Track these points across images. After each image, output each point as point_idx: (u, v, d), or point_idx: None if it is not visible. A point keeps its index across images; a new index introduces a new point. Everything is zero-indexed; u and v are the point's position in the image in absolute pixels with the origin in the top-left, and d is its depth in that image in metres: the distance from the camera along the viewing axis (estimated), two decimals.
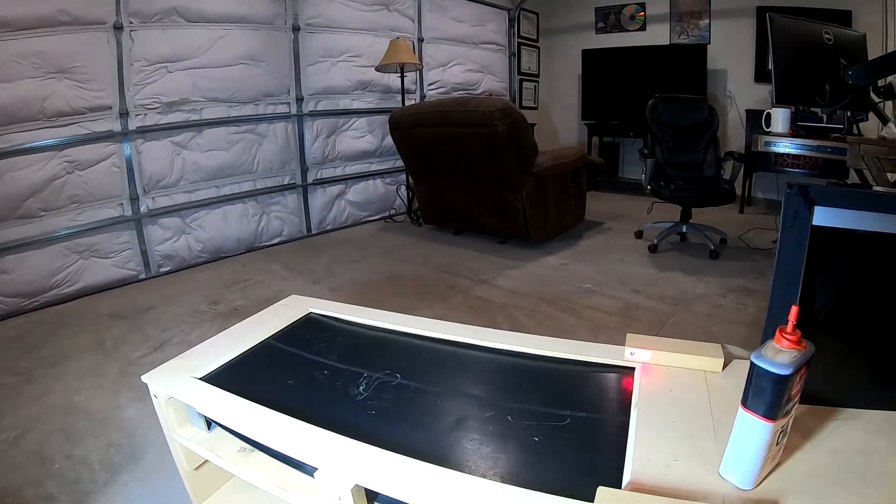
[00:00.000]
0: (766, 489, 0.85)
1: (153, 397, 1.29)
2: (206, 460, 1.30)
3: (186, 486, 1.41)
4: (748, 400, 0.82)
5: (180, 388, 1.24)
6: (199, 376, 1.30)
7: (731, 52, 6.15)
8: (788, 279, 1.07)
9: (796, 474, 0.88)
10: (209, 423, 1.27)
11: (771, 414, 0.80)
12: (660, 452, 0.93)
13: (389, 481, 0.91)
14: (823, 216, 1.05)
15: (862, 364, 1.13)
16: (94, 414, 2.14)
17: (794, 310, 0.80)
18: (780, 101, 3.03)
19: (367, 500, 0.97)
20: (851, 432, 0.98)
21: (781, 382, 0.78)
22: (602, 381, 1.24)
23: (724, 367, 1.17)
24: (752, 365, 0.81)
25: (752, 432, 0.82)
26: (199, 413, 1.23)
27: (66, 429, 2.03)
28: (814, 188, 1.05)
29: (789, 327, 0.81)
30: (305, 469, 1.04)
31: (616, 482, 0.88)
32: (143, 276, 3.86)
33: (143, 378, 1.29)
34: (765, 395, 0.80)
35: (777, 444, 0.85)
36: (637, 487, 0.85)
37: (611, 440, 1.00)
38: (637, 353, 1.22)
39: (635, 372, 1.19)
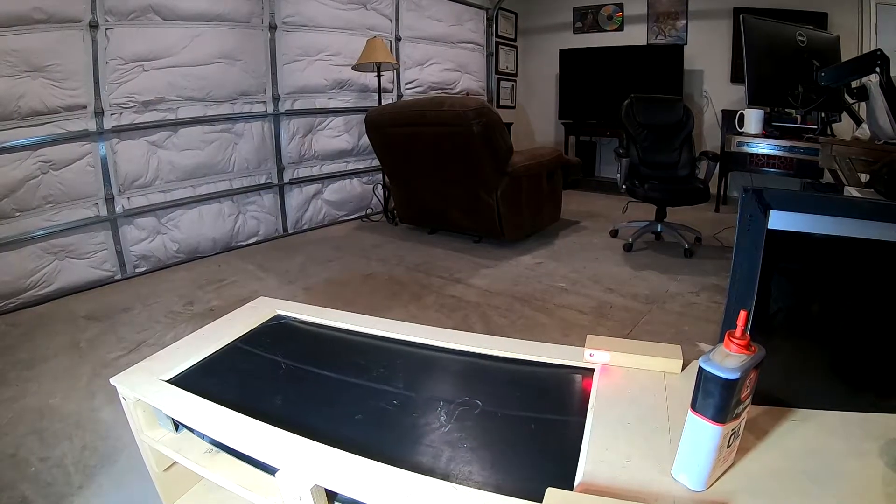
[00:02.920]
0: (718, 490, 0.86)
1: (122, 400, 1.29)
2: (176, 462, 1.30)
3: (157, 488, 1.41)
4: (697, 403, 0.84)
5: (147, 391, 1.24)
6: (166, 379, 1.30)
7: (708, 52, 6.22)
8: (744, 283, 1.08)
9: (749, 475, 0.89)
10: (177, 425, 1.27)
11: (719, 417, 0.81)
12: (614, 453, 0.94)
13: (346, 481, 0.92)
14: (779, 220, 1.07)
15: (818, 365, 1.14)
16: (69, 416, 2.12)
17: (742, 315, 0.81)
18: (752, 102, 3.05)
19: (328, 500, 0.98)
20: (806, 433, 1.00)
21: (729, 386, 0.79)
22: (561, 382, 1.24)
23: (683, 369, 1.19)
24: (700, 369, 0.82)
25: (701, 435, 0.83)
26: (166, 415, 1.23)
27: (40, 431, 2.02)
28: (769, 192, 1.07)
29: (738, 332, 0.82)
30: (269, 469, 1.05)
31: (568, 483, 0.89)
32: (118, 276, 3.82)
33: (112, 381, 1.28)
34: (713, 398, 0.81)
35: (728, 447, 0.86)
36: (588, 489, 0.86)
37: (566, 441, 1.01)
38: (596, 355, 1.23)
39: (594, 373, 1.20)
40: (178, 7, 3.94)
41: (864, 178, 2.62)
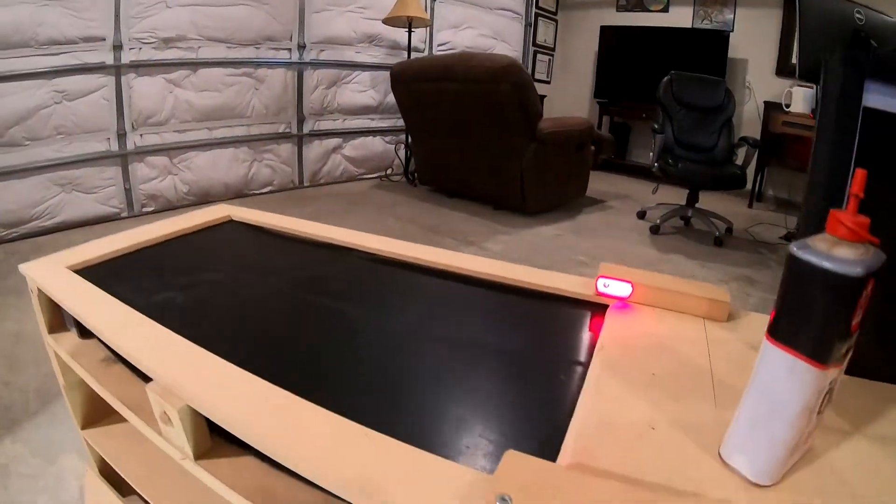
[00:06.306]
0: (794, 487, 0.49)
1: (31, 293, 1.01)
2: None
3: (68, 407, 1.12)
4: (782, 325, 0.45)
5: (48, 280, 0.95)
6: (75, 268, 1.00)
7: (755, 42, 5.75)
8: (828, 185, 0.70)
9: (835, 469, 0.52)
10: (82, 329, 0.97)
11: (822, 352, 0.43)
12: (630, 414, 0.57)
13: (230, 409, 0.59)
14: (880, 96, 0.69)
15: None
16: (43, 343, 1.92)
17: (859, 175, 0.44)
18: (802, 76, 2.68)
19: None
20: None
21: (847, 291, 0.42)
22: (562, 316, 0.87)
23: (729, 319, 0.82)
24: (795, 262, 0.44)
25: (785, 385, 0.46)
26: (69, 313, 0.94)
27: (12, 356, 1.94)
28: (870, 53, 0.69)
29: (850, 207, 0.45)
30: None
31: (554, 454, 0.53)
32: (125, 214, 3.62)
33: (21, 267, 1.00)
34: (815, 314, 0.43)
35: (819, 413, 0.49)
36: (579, 463, 0.50)
37: (560, 397, 0.65)
38: (612, 286, 0.86)
39: (608, 310, 0.84)
40: None
41: None
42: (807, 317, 0.43)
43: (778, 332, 0.45)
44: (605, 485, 0.42)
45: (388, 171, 5.35)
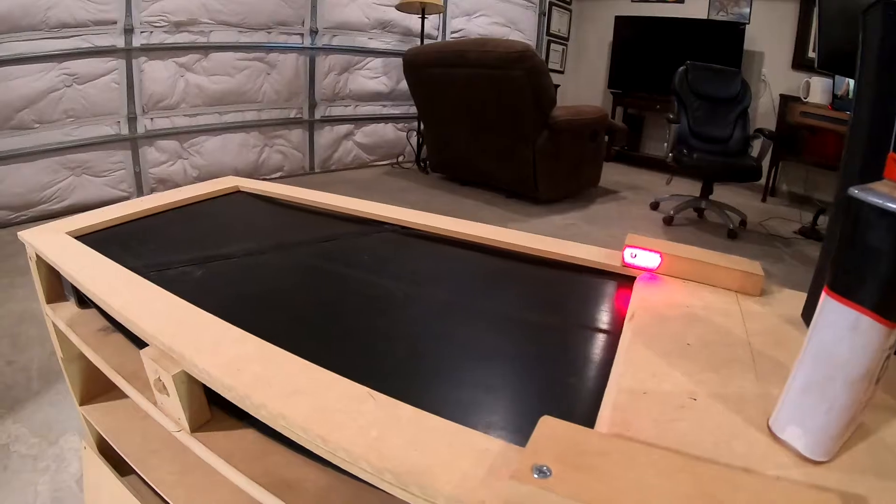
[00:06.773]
0: (848, 465, 0.43)
1: (29, 260, 0.97)
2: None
3: (67, 381, 1.06)
4: (843, 277, 0.40)
5: (47, 244, 0.90)
6: (74, 234, 0.97)
7: (771, 34, 5.62)
8: (871, 137, 0.64)
9: (889, 446, 0.46)
10: (81, 299, 0.93)
11: (889, 306, 0.38)
12: (664, 385, 0.52)
13: (224, 376, 0.54)
14: None
15: None
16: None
17: None
18: (821, 66, 2.63)
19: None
20: None
21: None
22: (588, 287, 0.82)
23: (762, 294, 0.77)
24: (855, 206, 0.38)
25: (847, 343, 0.40)
26: (68, 281, 0.90)
27: (16, 336, 1.93)
28: None
29: None
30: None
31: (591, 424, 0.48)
32: (134, 198, 3.53)
33: (20, 234, 0.96)
34: (881, 262, 0.37)
35: (876, 383, 0.43)
36: (619, 433, 0.44)
37: (590, 368, 0.60)
38: (640, 257, 0.81)
39: (637, 281, 0.79)
40: None
41: None
42: (871, 266, 0.37)
43: (839, 285, 0.39)
44: (657, 454, 0.37)
45: (400, 158, 5.30)
